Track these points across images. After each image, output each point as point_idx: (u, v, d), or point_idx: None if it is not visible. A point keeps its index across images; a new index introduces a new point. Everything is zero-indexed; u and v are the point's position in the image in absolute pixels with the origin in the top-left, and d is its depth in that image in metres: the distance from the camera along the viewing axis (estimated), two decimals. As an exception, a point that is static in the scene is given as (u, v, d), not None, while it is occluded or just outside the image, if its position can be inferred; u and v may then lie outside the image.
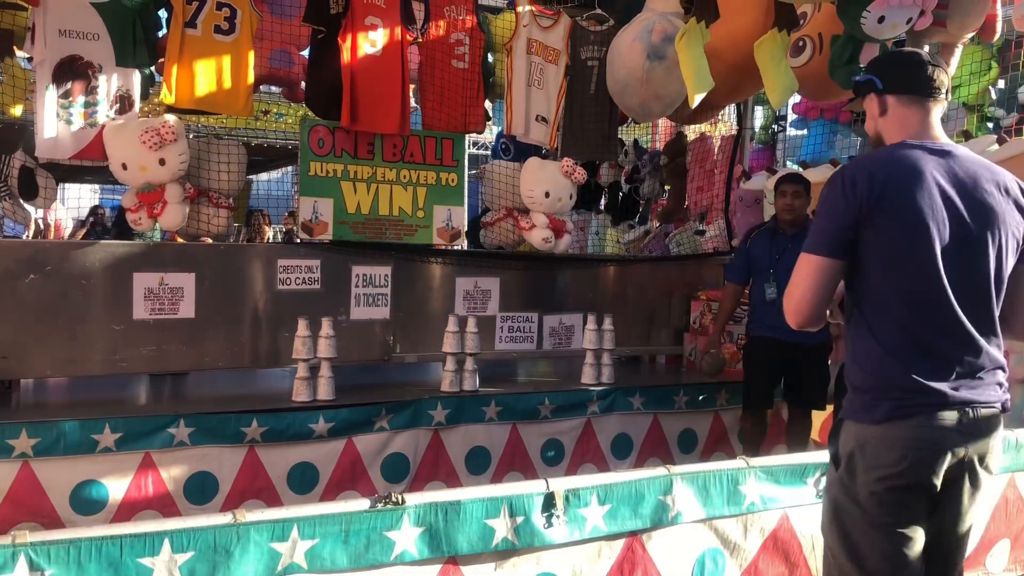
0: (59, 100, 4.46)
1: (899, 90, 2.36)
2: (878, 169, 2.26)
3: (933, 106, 2.36)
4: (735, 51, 4.62)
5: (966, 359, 2.26)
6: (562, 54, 5.80)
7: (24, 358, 4.32)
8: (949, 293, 2.23)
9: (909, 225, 2.21)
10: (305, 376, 4.44)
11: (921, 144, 2.30)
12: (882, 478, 2.26)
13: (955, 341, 2.26)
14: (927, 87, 2.34)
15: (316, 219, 5.09)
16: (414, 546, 2.76)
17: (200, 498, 4.11)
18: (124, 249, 4.58)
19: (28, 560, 2.29)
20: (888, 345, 2.27)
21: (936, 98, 2.35)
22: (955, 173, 2.26)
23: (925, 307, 2.24)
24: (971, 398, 2.25)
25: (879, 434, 2.27)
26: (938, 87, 2.35)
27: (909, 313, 2.25)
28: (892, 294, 2.26)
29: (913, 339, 2.26)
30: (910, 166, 2.25)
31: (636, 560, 3.16)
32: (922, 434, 2.23)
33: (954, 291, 2.23)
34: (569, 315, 5.67)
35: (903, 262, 2.23)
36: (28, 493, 3.81)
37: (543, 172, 5.58)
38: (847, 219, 2.24)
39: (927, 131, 2.35)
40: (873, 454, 2.27)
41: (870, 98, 2.43)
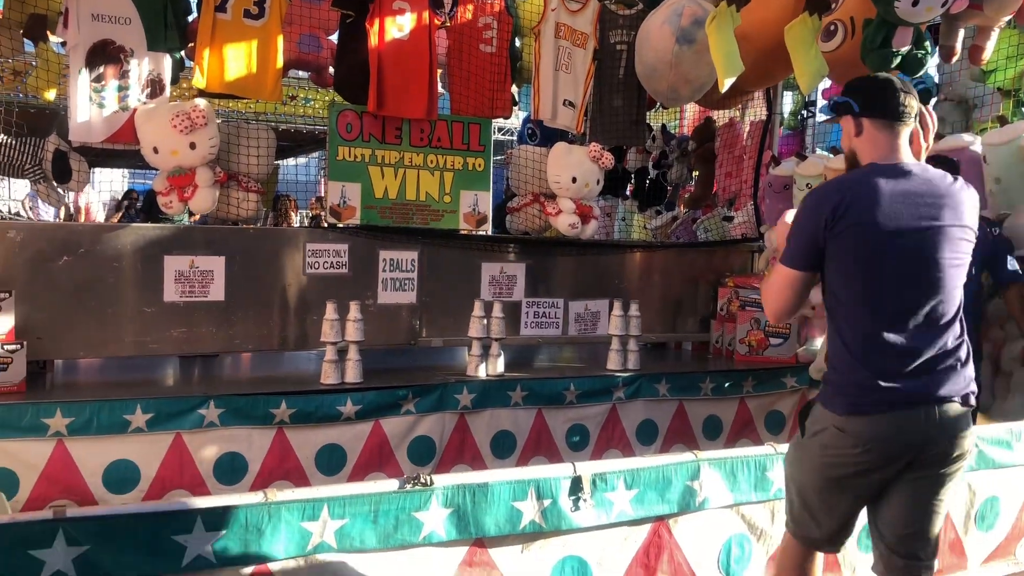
0: (92, 84, 4.51)
1: (873, 114, 2.58)
2: (843, 191, 2.50)
3: (902, 129, 2.58)
4: (765, 35, 4.57)
5: (921, 360, 2.47)
6: (590, 38, 5.77)
7: (57, 339, 4.39)
8: (903, 300, 2.48)
9: (866, 240, 2.46)
10: (333, 359, 4.47)
11: (886, 166, 2.54)
12: (836, 464, 2.56)
13: (911, 344, 2.47)
14: (897, 112, 2.56)
15: (344, 204, 5.12)
16: (442, 527, 2.79)
17: (230, 478, 4.16)
18: (155, 232, 4.64)
19: (66, 535, 2.33)
20: (851, 346, 2.52)
21: (905, 122, 2.58)
22: (910, 191, 2.49)
23: (882, 313, 2.49)
24: (929, 394, 2.47)
25: (840, 424, 2.53)
26: (907, 112, 2.57)
27: (869, 318, 2.50)
28: (853, 301, 2.52)
29: (872, 341, 2.49)
30: (871, 187, 2.48)
31: (662, 545, 3.17)
32: (878, 430, 2.47)
33: (907, 298, 2.48)
34: (595, 301, 5.66)
35: (862, 273, 2.49)
36: (62, 471, 3.87)
37: (570, 157, 5.57)
38: (816, 236, 2.51)
39: (895, 153, 2.57)
40: (832, 441, 2.56)
41: (846, 119, 2.65)
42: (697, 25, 4.75)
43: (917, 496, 2.56)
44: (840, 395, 2.55)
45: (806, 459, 2.66)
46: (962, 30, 4.27)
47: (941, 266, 2.49)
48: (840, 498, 2.62)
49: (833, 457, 2.56)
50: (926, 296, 2.49)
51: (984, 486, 3.79)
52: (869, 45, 4.11)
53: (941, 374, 2.49)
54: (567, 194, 5.57)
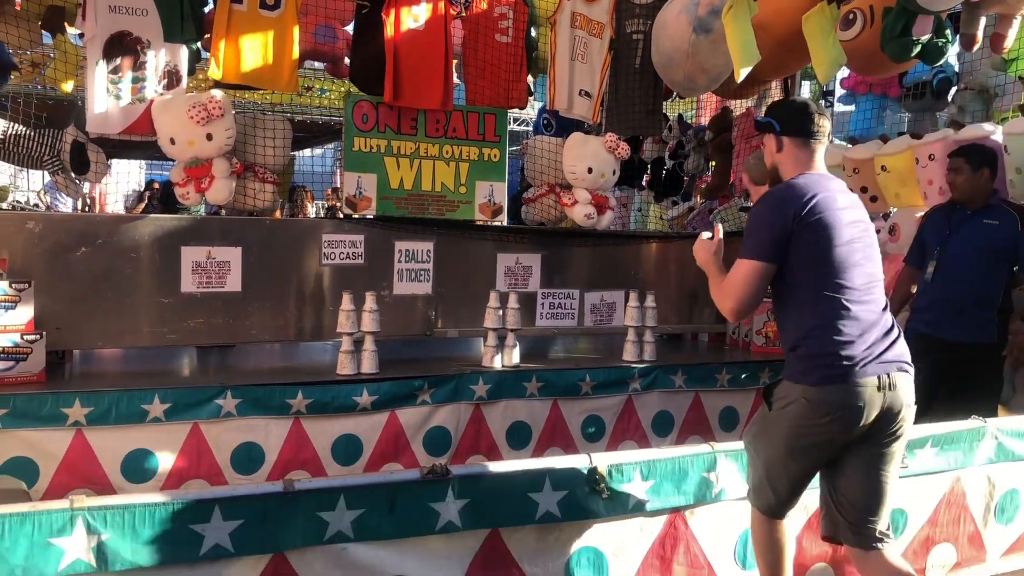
0: (109, 76, 4.53)
1: (792, 133, 2.95)
2: (807, 191, 2.82)
3: (817, 147, 2.96)
4: (783, 24, 4.53)
5: (879, 332, 2.78)
6: (606, 27, 5.74)
7: (76, 329, 4.42)
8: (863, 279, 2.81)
9: (832, 229, 2.78)
10: (349, 350, 4.48)
11: (821, 176, 2.93)
12: (804, 433, 2.79)
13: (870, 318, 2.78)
14: (813, 132, 2.94)
15: (360, 194, 5.12)
16: (458, 517, 2.79)
17: (247, 468, 4.18)
18: (172, 223, 4.65)
19: (85, 524, 2.35)
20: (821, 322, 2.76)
21: (820, 140, 2.96)
22: (843, 193, 2.92)
23: (847, 291, 2.77)
24: (888, 362, 2.76)
25: (810, 395, 2.76)
26: (821, 132, 2.95)
27: (836, 296, 2.76)
28: (822, 281, 2.77)
29: (841, 317, 2.75)
30: (826, 188, 2.86)
31: (679, 536, 3.16)
32: (844, 398, 2.72)
33: (865, 278, 2.81)
34: (611, 292, 5.64)
35: (830, 256, 2.77)
36: (81, 460, 3.91)
37: (586, 147, 5.55)
38: (786, 228, 2.78)
39: (814, 166, 2.95)
40: (801, 411, 2.78)
41: (769, 136, 3.02)
42: (714, 14, 4.71)
43: (871, 467, 2.81)
44: (811, 368, 2.77)
45: (773, 432, 2.87)
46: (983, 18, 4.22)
47: (877, 252, 2.92)
48: (801, 467, 2.87)
49: (801, 427, 2.79)
50: (875, 277, 2.86)
51: (1004, 479, 3.77)
52: (888, 34, 4.06)
53: (894, 344, 2.81)
54: (583, 184, 5.55)
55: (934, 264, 4.37)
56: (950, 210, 4.47)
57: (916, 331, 4.34)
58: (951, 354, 4.27)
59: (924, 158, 4.72)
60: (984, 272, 4.26)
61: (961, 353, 4.27)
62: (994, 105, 6.14)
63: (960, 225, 4.35)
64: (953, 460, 3.61)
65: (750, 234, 2.89)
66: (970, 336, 4.27)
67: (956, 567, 3.72)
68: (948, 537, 3.68)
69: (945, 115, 6.55)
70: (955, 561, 3.71)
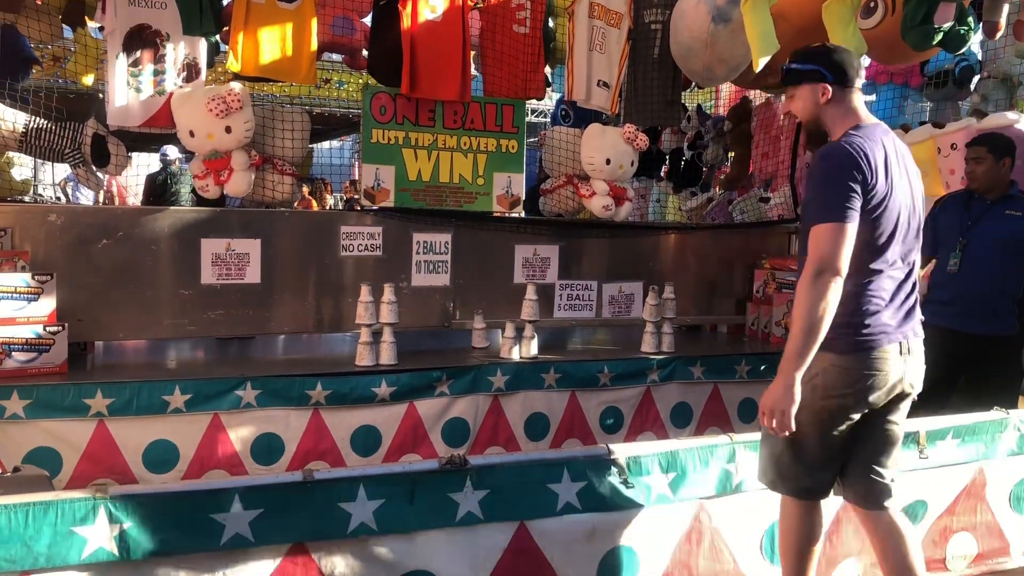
0: (129, 69, 4.55)
1: (842, 81, 2.80)
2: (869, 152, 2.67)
3: (859, 94, 2.85)
4: (802, 13, 4.49)
5: (906, 299, 2.81)
6: (624, 17, 5.71)
7: (97, 321, 4.46)
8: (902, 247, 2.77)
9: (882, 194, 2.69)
10: (368, 341, 4.50)
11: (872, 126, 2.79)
12: (834, 402, 2.75)
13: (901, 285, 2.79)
14: (859, 77, 2.84)
15: (378, 186, 5.13)
16: (478, 508, 2.79)
17: (267, 458, 4.21)
18: (192, 215, 4.68)
19: (108, 512, 2.37)
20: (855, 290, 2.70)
21: (860, 87, 2.86)
22: (897, 150, 2.79)
23: (884, 259, 2.73)
24: (905, 327, 2.79)
25: (843, 362, 2.73)
26: (862, 76, 2.87)
27: (872, 263, 2.72)
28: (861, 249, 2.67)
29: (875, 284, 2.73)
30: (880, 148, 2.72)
31: (703, 530, 3.15)
32: (872, 365, 2.72)
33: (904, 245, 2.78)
34: (629, 283, 5.61)
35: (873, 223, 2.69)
36: (104, 450, 3.94)
37: (604, 138, 5.52)
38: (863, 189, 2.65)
39: (867, 115, 2.83)
40: (830, 381, 2.74)
41: (810, 87, 2.82)
42: (733, 4, 4.67)
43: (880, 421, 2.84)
44: (842, 336, 2.71)
45: (802, 408, 2.71)
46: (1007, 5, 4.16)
47: (920, 216, 2.84)
48: (833, 439, 2.81)
49: (832, 397, 2.75)
50: (915, 243, 2.83)
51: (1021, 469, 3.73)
52: (910, 22, 4.03)
53: (915, 311, 2.84)
54: (601, 176, 5.53)
55: (958, 257, 4.29)
56: (967, 199, 4.38)
57: (937, 325, 4.25)
58: (972, 347, 4.23)
59: (946, 147, 4.67)
60: (1007, 264, 4.21)
61: (982, 346, 4.23)
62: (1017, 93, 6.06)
63: (981, 216, 4.28)
64: (975, 451, 3.58)
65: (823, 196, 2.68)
66: (992, 329, 4.23)
67: (979, 558, 3.69)
68: (967, 526, 3.65)
69: (968, 104, 6.48)
70: (976, 552, 3.68)
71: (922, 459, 3.42)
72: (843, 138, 2.74)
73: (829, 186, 2.67)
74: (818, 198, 2.71)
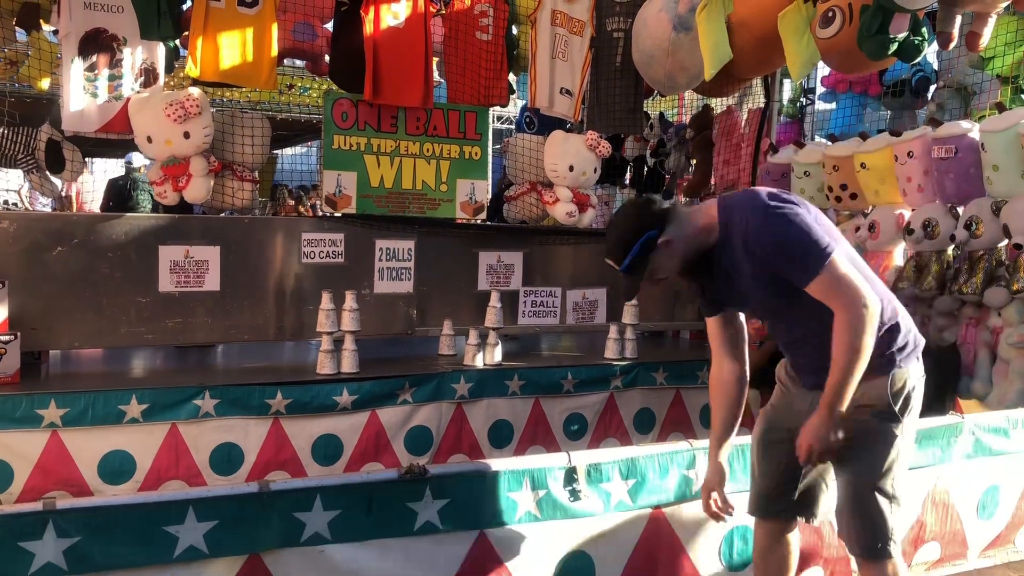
0: (85, 73, 4.48)
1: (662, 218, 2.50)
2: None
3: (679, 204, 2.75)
4: (763, 22, 4.53)
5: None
6: (587, 25, 5.73)
7: (52, 330, 4.38)
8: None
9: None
10: (329, 349, 4.46)
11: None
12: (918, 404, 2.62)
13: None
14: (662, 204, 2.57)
15: (340, 192, 5.10)
16: (437, 518, 2.77)
17: (226, 469, 4.16)
18: (150, 222, 4.62)
19: (56, 527, 2.32)
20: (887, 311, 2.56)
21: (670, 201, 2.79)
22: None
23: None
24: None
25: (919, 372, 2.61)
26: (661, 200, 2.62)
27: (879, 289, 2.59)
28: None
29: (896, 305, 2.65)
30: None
31: (661, 535, 3.15)
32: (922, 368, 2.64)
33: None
34: (592, 290, 5.64)
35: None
36: (57, 462, 3.87)
37: (567, 145, 5.54)
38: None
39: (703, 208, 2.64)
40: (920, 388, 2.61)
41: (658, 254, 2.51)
42: (694, 12, 4.71)
43: None
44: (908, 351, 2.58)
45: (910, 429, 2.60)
46: (959, 16, 4.23)
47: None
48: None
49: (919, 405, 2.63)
50: None
51: (984, 475, 3.78)
52: (866, 31, 4.07)
53: None
54: (564, 182, 5.55)
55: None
56: None
57: None
58: None
59: (903, 155, 4.73)
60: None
61: None
62: (972, 103, 6.18)
63: None
64: (932, 456, 3.62)
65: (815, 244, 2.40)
66: None
67: (938, 563, 3.74)
68: (935, 536, 3.69)
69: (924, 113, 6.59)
70: (937, 557, 3.72)
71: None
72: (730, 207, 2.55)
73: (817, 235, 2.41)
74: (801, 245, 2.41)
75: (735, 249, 2.52)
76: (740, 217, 2.51)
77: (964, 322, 4.58)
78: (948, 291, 4.58)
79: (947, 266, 4.66)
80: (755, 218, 2.47)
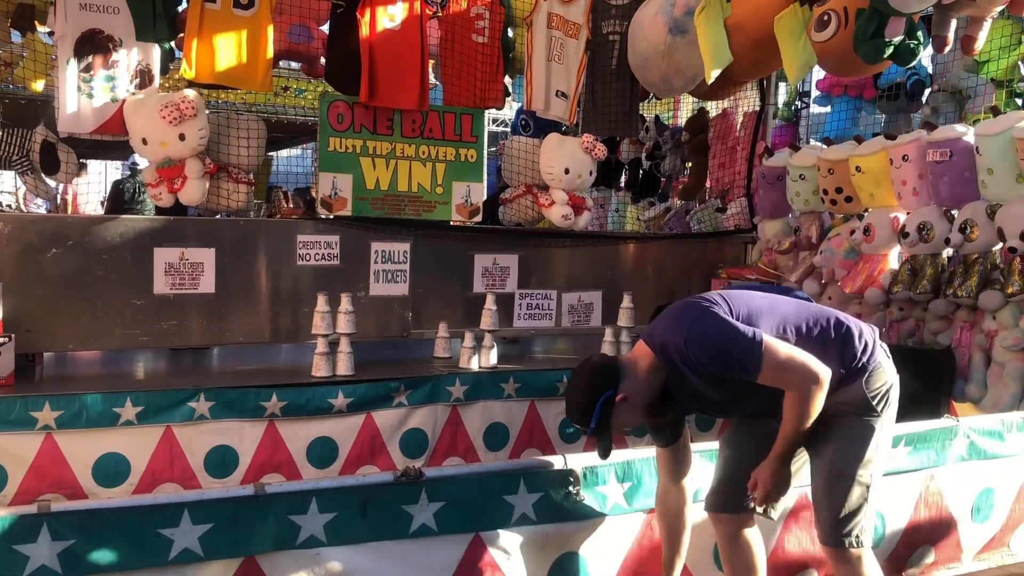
0: (80, 74, 4.47)
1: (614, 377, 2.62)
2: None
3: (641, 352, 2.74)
4: (759, 25, 4.54)
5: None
6: (583, 28, 5.74)
7: (47, 332, 4.36)
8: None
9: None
10: (324, 351, 4.45)
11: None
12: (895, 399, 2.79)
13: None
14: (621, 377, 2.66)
15: (335, 195, 5.09)
16: (433, 520, 2.77)
17: (220, 471, 4.14)
18: (145, 224, 4.61)
19: (51, 529, 2.31)
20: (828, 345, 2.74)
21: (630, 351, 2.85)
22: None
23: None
24: None
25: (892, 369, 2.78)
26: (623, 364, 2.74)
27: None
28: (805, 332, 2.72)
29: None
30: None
31: (655, 538, 3.15)
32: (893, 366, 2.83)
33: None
34: (588, 292, 5.64)
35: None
36: (51, 464, 3.85)
37: (563, 148, 5.54)
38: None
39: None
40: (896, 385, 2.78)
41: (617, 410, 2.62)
42: (690, 15, 4.71)
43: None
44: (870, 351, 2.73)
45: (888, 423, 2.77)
46: (955, 20, 4.24)
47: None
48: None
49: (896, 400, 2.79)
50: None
51: (979, 478, 3.79)
52: (861, 35, 4.08)
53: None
54: (560, 185, 5.55)
55: None
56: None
57: None
58: None
59: (898, 159, 4.74)
60: None
61: None
62: (967, 107, 6.19)
63: None
64: (926, 459, 3.63)
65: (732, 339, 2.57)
66: None
67: (933, 566, 3.74)
68: (930, 539, 3.69)
69: (919, 116, 6.60)
70: (932, 560, 3.73)
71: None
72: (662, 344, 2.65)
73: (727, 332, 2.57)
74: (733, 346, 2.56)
75: (685, 375, 2.65)
76: (672, 346, 2.63)
77: (959, 325, 4.59)
78: (943, 294, 4.59)
79: (942, 269, 4.67)
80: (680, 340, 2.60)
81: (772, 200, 5.84)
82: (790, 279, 5.48)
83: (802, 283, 5.35)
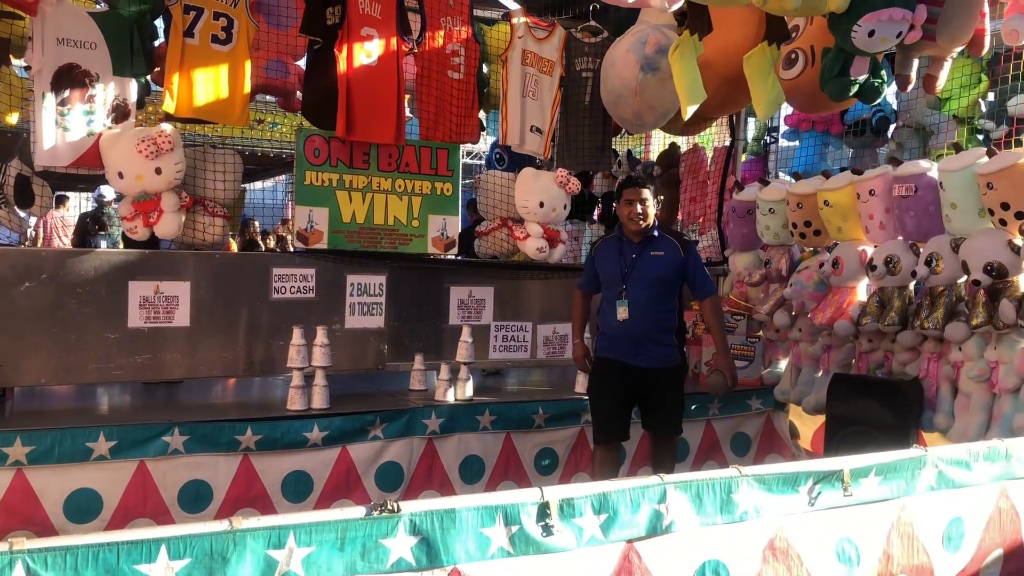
0: (57, 108, 4.48)
1: None
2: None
3: None
4: (728, 63, 4.66)
5: None
6: (556, 65, 5.84)
7: (19, 366, 4.32)
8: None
9: None
10: (300, 384, 4.45)
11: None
12: None
13: None
14: None
15: (311, 228, 5.11)
16: (410, 554, 2.77)
17: (195, 506, 4.11)
18: (120, 257, 4.60)
19: (25, 567, 2.29)
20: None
21: None
22: None
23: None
24: None
25: None
26: None
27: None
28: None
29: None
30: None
31: (633, 569, 3.16)
32: None
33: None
34: (563, 324, 5.68)
35: None
36: (22, 501, 3.80)
37: (537, 182, 5.61)
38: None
39: None
40: None
41: None
42: (661, 53, 4.83)
43: None
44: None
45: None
46: (917, 60, 4.38)
47: None
48: None
49: None
50: None
51: (947, 507, 3.84)
52: (828, 73, 4.20)
53: None
54: (535, 218, 5.61)
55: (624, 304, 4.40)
56: (619, 245, 4.51)
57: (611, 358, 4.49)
58: (642, 378, 4.42)
59: (865, 193, 4.84)
60: (661, 303, 4.46)
61: (652, 377, 4.43)
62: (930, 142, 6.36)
63: (635, 261, 4.43)
64: (896, 488, 3.68)
65: None
66: (657, 363, 4.43)
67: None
68: (903, 569, 3.72)
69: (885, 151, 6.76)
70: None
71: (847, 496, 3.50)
72: None
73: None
74: None
75: None
76: None
77: (926, 356, 4.67)
78: (910, 326, 4.67)
79: (909, 301, 4.76)
80: None
81: (742, 233, 5.93)
82: (761, 311, 5.56)
83: (772, 315, 5.43)
